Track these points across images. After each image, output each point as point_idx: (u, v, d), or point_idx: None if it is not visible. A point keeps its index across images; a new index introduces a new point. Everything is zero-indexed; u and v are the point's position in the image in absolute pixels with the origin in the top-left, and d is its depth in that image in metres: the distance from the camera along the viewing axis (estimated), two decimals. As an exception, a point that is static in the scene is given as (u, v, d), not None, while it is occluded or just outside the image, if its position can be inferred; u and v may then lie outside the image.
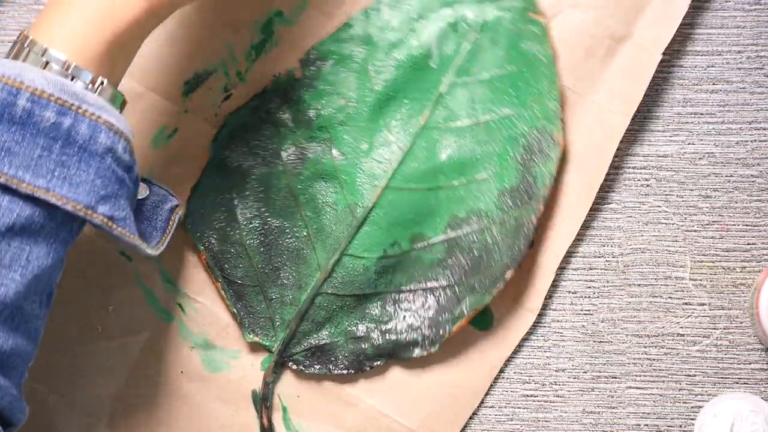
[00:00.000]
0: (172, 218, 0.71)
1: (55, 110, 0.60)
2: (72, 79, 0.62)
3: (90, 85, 0.62)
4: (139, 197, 0.69)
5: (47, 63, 0.62)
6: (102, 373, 0.77)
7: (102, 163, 0.62)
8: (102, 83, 0.63)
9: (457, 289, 0.76)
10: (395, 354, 0.76)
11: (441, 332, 0.76)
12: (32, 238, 0.61)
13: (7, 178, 0.59)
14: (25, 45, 0.63)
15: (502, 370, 0.78)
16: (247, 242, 0.77)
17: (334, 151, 0.77)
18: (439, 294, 0.76)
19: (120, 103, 0.65)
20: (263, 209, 0.77)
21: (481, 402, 0.78)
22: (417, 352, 0.76)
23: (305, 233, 0.77)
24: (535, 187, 0.75)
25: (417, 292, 0.76)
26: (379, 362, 0.76)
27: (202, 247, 0.77)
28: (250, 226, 0.77)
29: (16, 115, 0.60)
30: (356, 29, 0.77)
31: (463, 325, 0.76)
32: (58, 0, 0.64)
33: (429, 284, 0.76)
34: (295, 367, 0.77)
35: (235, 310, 0.77)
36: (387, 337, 0.76)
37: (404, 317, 0.76)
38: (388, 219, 0.77)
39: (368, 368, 0.77)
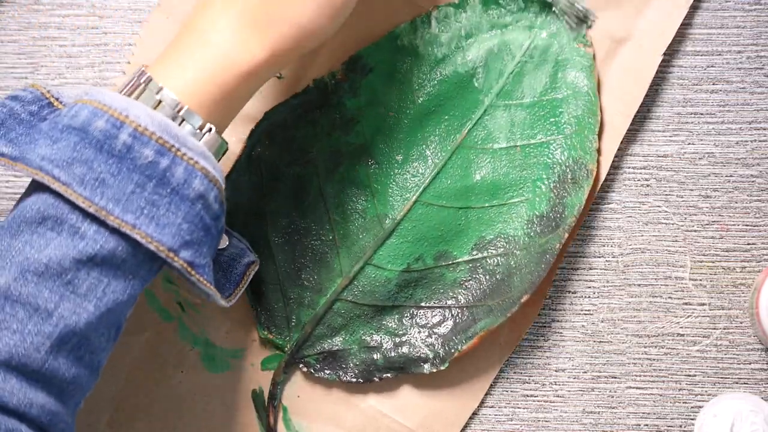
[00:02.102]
0: (247, 273, 0.71)
1: (154, 149, 0.61)
2: (181, 122, 0.63)
3: (197, 131, 0.63)
4: (219, 247, 0.69)
5: (160, 102, 0.63)
6: (102, 373, 0.77)
7: (192, 209, 0.62)
8: (209, 130, 0.64)
9: (474, 310, 0.76)
10: (405, 368, 0.76)
11: (452, 351, 0.75)
12: (112, 271, 0.61)
13: (97, 209, 0.60)
14: (142, 81, 0.63)
15: (502, 370, 0.78)
16: (273, 239, 0.77)
17: (369, 159, 0.77)
18: (457, 313, 0.76)
19: (223, 151, 0.66)
20: (292, 208, 0.77)
21: (481, 402, 0.78)
22: (427, 368, 0.76)
23: (331, 237, 0.77)
24: (563, 216, 0.75)
25: (435, 309, 0.76)
26: (388, 375, 0.76)
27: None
28: (277, 223, 0.77)
29: (116, 148, 0.60)
30: (403, 40, 0.77)
31: (475, 345, 0.76)
32: (181, 41, 0.65)
33: (448, 302, 0.76)
34: (305, 369, 0.77)
35: (252, 305, 0.77)
36: (399, 351, 0.76)
37: (419, 333, 0.76)
38: (415, 233, 0.77)
39: (377, 379, 0.76)
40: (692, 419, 0.77)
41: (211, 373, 0.78)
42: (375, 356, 0.76)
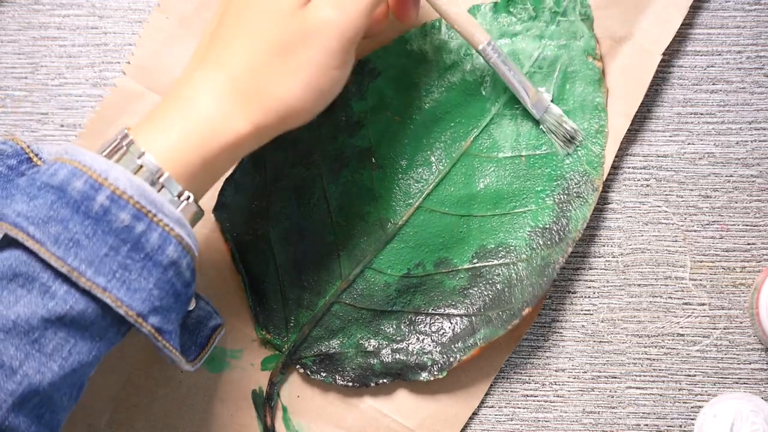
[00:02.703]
0: (213, 336, 0.71)
1: (131, 213, 0.61)
2: (160, 189, 0.62)
3: (175, 198, 0.63)
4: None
5: (140, 167, 0.62)
6: (102, 373, 0.77)
7: (164, 275, 0.62)
8: (188, 198, 0.63)
9: (474, 319, 0.76)
10: (402, 375, 0.76)
11: (451, 360, 0.75)
12: (79, 332, 0.61)
13: (69, 269, 0.59)
14: (124, 143, 0.63)
15: (502, 370, 0.78)
16: (274, 239, 0.77)
17: (373, 163, 0.77)
18: (456, 322, 0.76)
19: (198, 218, 0.65)
20: (294, 209, 0.77)
21: (481, 402, 0.78)
22: (424, 375, 0.76)
23: (332, 239, 0.77)
24: (567, 230, 0.75)
25: (434, 317, 0.76)
26: (384, 380, 0.76)
27: (229, 238, 0.77)
28: (279, 224, 0.77)
29: (93, 210, 0.60)
30: (412, 45, 0.77)
31: (475, 355, 0.76)
32: (166, 106, 0.64)
33: (447, 310, 0.76)
34: (302, 371, 0.77)
35: (251, 305, 0.77)
36: (397, 357, 0.76)
37: (417, 339, 0.76)
38: (416, 239, 0.77)
39: (373, 384, 0.76)
40: (692, 419, 0.77)
41: (211, 373, 0.78)
42: (372, 361, 0.76)
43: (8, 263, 0.60)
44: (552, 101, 0.76)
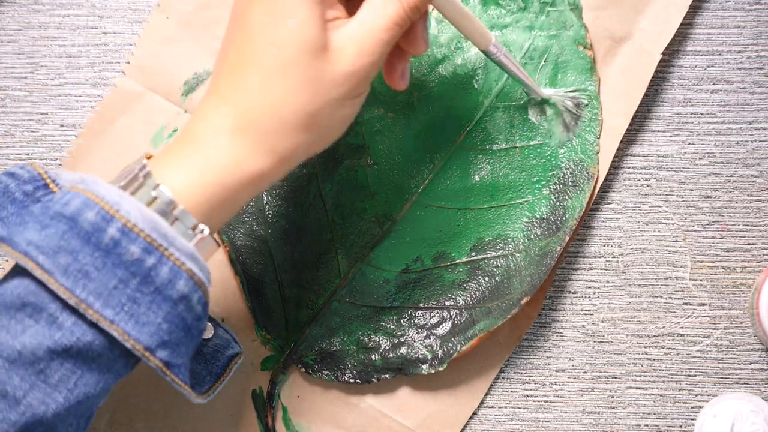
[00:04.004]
0: (230, 366, 0.70)
1: (141, 246, 0.60)
2: (174, 222, 0.61)
3: (189, 231, 0.62)
4: (204, 337, 0.68)
5: (155, 198, 0.61)
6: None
7: (173, 309, 0.61)
8: (202, 231, 0.62)
9: (473, 312, 0.76)
10: (404, 369, 0.76)
11: (450, 352, 0.75)
12: (86, 364, 0.60)
13: (77, 301, 0.59)
14: (141, 174, 0.62)
15: (502, 370, 0.78)
16: (271, 239, 0.77)
17: (368, 160, 0.77)
18: (455, 315, 0.76)
19: (213, 251, 0.64)
20: (291, 209, 0.77)
21: (481, 402, 0.78)
22: (425, 369, 0.76)
23: (330, 238, 0.77)
24: (564, 219, 0.75)
25: (433, 311, 0.76)
26: (386, 376, 0.76)
27: (226, 239, 0.77)
28: (276, 224, 0.77)
29: (103, 242, 0.59)
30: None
31: (474, 346, 0.76)
32: (184, 141, 0.63)
33: (447, 304, 0.76)
34: (303, 370, 0.77)
35: (250, 305, 0.77)
36: (398, 352, 0.76)
37: (417, 334, 0.76)
38: (413, 234, 0.77)
39: (375, 380, 0.76)
40: (692, 419, 0.77)
41: (211, 373, 0.78)
42: (373, 357, 0.76)
43: (17, 292, 0.60)
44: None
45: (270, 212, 0.77)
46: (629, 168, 0.78)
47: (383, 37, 0.63)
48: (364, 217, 0.77)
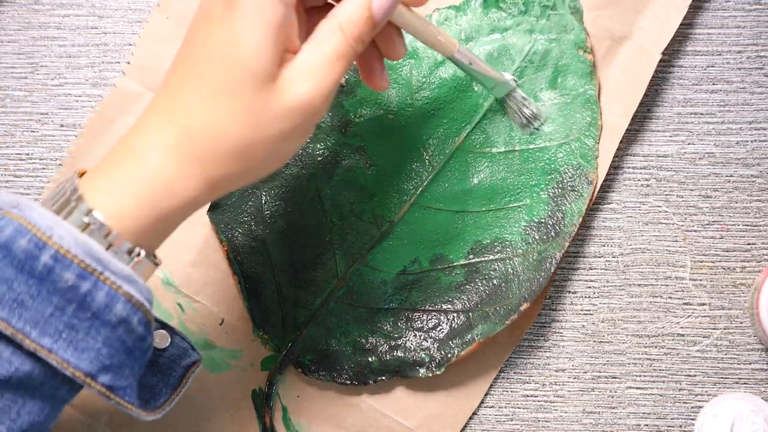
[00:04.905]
0: (186, 376, 0.68)
1: (76, 272, 0.59)
2: (109, 246, 0.60)
3: (125, 254, 0.61)
4: (159, 347, 0.67)
5: (88, 224, 0.60)
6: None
7: (113, 333, 0.60)
8: (138, 254, 0.61)
9: (471, 315, 0.76)
10: (400, 372, 0.76)
11: (449, 356, 0.75)
12: (28, 393, 0.59)
13: (13, 331, 0.58)
14: (73, 198, 0.60)
15: (502, 370, 0.78)
16: (270, 240, 0.77)
17: (367, 161, 0.77)
18: (453, 318, 0.76)
19: (152, 269, 0.63)
20: (289, 209, 0.77)
21: (481, 402, 0.78)
22: (422, 372, 0.76)
23: (328, 238, 0.77)
24: (563, 224, 0.75)
25: (431, 313, 0.76)
26: (383, 378, 0.76)
27: (225, 239, 0.77)
28: (275, 224, 0.77)
29: (37, 270, 0.58)
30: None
31: (473, 351, 0.76)
32: (119, 157, 0.61)
33: (444, 306, 0.76)
34: (300, 370, 0.77)
35: (248, 305, 0.77)
36: (395, 354, 0.76)
37: (414, 336, 0.76)
38: (411, 236, 0.77)
39: (371, 382, 0.76)
40: (692, 419, 0.77)
41: (211, 373, 0.78)
42: (370, 359, 0.76)
43: None
44: (518, 85, 0.76)
45: (268, 212, 0.77)
46: (629, 168, 0.78)
47: (329, 70, 0.61)
48: (362, 219, 0.77)
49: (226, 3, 0.60)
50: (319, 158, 0.77)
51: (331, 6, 0.65)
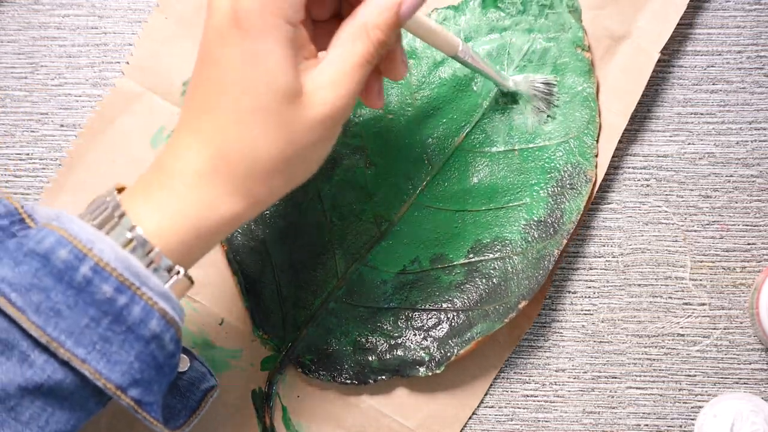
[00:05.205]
0: (205, 399, 0.69)
1: (114, 285, 0.59)
2: (149, 263, 0.61)
3: (164, 271, 0.61)
4: (179, 370, 0.68)
5: (130, 240, 0.60)
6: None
7: (145, 348, 0.61)
8: (178, 272, 0.62)
9: (470, 314, 0.76)
10: (400, 371, 0.76)
11: (448, 354, 0.75)
12: (58, 402, 0.60)
13: (48, 340, 0.59)
14: (116, 215, 0.61)
15: (501, 370, 0.78)
16: (269, 240, 0.77)
17: (367, 161, 0.77)
18: (453, 317, 0.76)
19: (187, 289, 0.63)
20: (289, 209, 0.77)
21: (481, 402, 0.78)
22: (422, 371, 0.76)
23: (328, 238, 0.77)
24: (561, 222, 0.75)
25: (431, 312, 0.76)
26: (383, 377, 0.76)
27: (224, 239, 0.77)
28: (274, 224, 0.77)
29: (76, 281, 0.59)
30: (403, 41, 0.77)
31: (472, 350, 0.76)
32: (157, 178, 0.62)
33: (444, 305, 0.76)
34: (300, 370, 0.77)
35: (248, 305, 0.77)
36: (395, 353, 0.76)
37: (414, 335, 0.76)
38: (411, 235, 0.77)
39: (372, 381, 0.76)
40: (692, 419, 0.77)
41: (211, 373, 0.78)
42: (370, 358, 0.76)
43: None
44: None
45: (268, 212, 0.77)
46: (629, 168, 0.78)
47: (354, 76, 0.62)
48: (362, 218, 0.77)
49: (235, 23, 0.60)
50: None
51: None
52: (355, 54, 0.62)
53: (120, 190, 0.63)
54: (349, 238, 0.77)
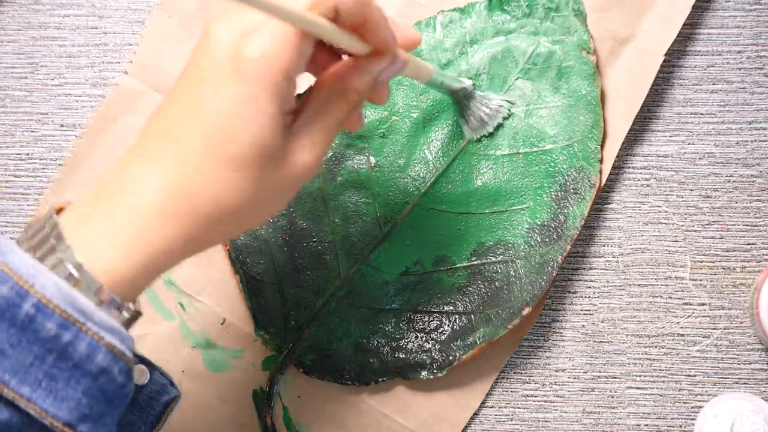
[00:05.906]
0: (165, 413, 0.67)
1: (57, 322, 0.57)
2: (98, 301, 0.59)
3: (112, 309, 0.59)
4: (138, 383, 0.66)
5: (71, 274, 0.58)
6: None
7: (93, 383, 0.59)
8: (127, 307, 0.60)
9: (472, 318, 0.76)
10: (402, 373, 0.76)
11: (450, 358, 0.75)
12: None
13: None
14: (59, 249, 0.59)
15: (502, 370, 0.78)
16: (272, 240, 0.77)
17: (371, 162, 0.77)
18: (455, 320, 0.76)
19: (135, 319, 0.62)
20: (292, 209, 0.77)
21: (481, 402, 0.78)
22: (424, 374, 0.76)
23: (330, 239, 0.77)
24: (565, 227, 0.75)
25: (433, 315, 0.76)
26: (384, 379, 0.76)
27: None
28: (277, 224, 0.77)
29: (18, 319, 0.57)
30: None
31: (474, 355, 0.76)
32: (106, 199, 0.60)
33: (446, 308, 0.76)
34: (301, 370, 0.77)
35: (250, 305, 0.77)
36: (396, 355, 0.76)
37: (416, 337, 0.76)
38: (414, 237, 0.77)
39: (373, 383, 0.76)
40: (692, 419, 0.77)
41: (212, 373, 0.78)
42: (371, 359, 0.76)
43: None
44: (475, 88, 0.76)
45: (272, 213, 0.77)
46: (629, 168, 0.78)
47: (330, 137, 0.62)
48: (365, 219, 0.77)
49: (234, 65, 0.58)
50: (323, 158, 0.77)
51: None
52: (333, 117, 0.62)
53: (58, 211, 0.61)
54: (351, 238, 0.77)
